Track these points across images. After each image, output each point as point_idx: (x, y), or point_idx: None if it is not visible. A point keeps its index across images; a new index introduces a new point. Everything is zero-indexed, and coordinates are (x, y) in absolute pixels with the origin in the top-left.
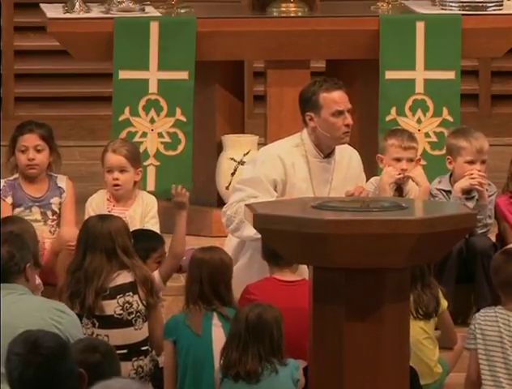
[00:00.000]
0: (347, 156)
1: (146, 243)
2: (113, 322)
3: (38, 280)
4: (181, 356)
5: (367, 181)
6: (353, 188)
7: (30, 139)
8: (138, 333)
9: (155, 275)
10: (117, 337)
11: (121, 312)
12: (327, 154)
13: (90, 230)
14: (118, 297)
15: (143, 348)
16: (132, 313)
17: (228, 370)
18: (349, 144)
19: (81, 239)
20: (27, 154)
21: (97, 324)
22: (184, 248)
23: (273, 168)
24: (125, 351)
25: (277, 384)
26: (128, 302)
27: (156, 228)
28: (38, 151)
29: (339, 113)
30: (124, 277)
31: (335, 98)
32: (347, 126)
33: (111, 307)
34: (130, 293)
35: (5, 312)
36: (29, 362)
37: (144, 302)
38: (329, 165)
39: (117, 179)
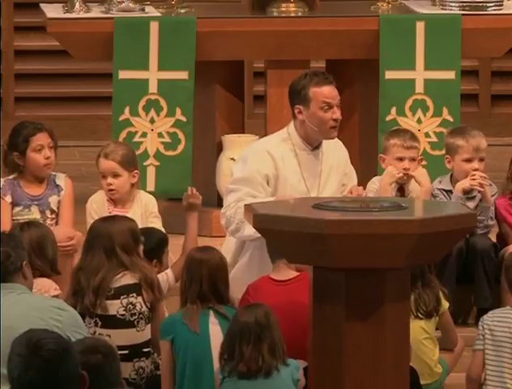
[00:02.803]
0: (332, 145)
1: (151, 241)
2: (115, 323)
3: (55, 285)
4: (179, 354)
5: (367, 181)
6: (353, 190)
7: (44, 138)
8: (140, 334)
9: (169, 273)
10: (119, 337)
11: (124, 313)
12: (315, 146)
13: (92, 231)
14: (122, 297)
15: (145, 350)
16: (135, 314)
17: (233, 368)
18: (348, 146)
19: (86, 240)
20: (43, 153)
21: (100, 324)
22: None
23: (263, 164)
24: (126, 352)
25: (278, 383)
26: (131, 303)
27: (159, 226)
28: (51, 148)
29: (328, 107)
30: (129, 278)
31: (325, 92)
32: (335, 120)
33: (114, 307)
34: (134, 295)
35: (5, 313)
36: (29, 364)
37: (148, 304)
38: (317, 157)
39: (110, 184)
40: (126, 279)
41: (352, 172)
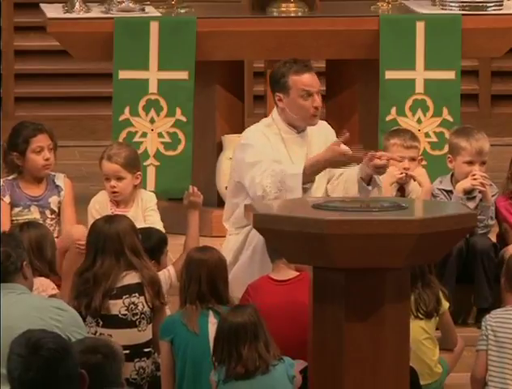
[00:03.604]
0: (316, 127)
1: (150, 241)
2: (116, 322)
3: (52, 285)
4: (179, 355)
5: None
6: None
7: (44, 139)
8: (141, 334)
9: (170, 270)
10: (120, 337)
11: (126, 312)
12: (301, 129)
13: (98, 233)
14: (124, 297)
15: (146, 350)
16: (137, 314)
17: (231, 371)
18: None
19: (90, 242)
20: (43, 155)
21: (101, 323)
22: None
23: (266, 142)
24: (127, 351)
25: (274, 381)
26: (133, 303)
27: (158, 219)
28: (50, 149)
29: (308, 95)
30: (131, 278)
31: (304, 80)
32: (315, 108)
33: (116, 307)
34: (136, 294)
35: (5, 313)
36: (29, 364)
37: (150, 304)
38: (304, 139)
39: (114, 187)
40: (129, 278)
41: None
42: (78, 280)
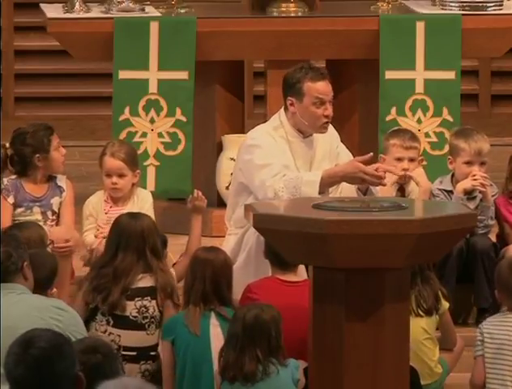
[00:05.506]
0: None
1: None
2: (126, 323)
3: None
4: (179, 355)
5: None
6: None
7: (56, 136)
8: (149, 338)
9: (171, 271)
10: (129, 338)
11: (137, 315)
12: (307, 134)
13: (123, 228)
14: (137, 299)
15: (152, 353)
16: (147, 317)
17: (225, 372)
18: (348, 146)
19: (113, 237)
20: (60, 150)
21: (111, 322)
22: None
23: (272, 144)
24: (134, 353)
25: (278, 384)
26: (145, 306)
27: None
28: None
29: (321, 103)
30: (146, 281)
31: (319, 88)
32: (326, 116)
33: (128, 308)
34: (149, 298)
35: (5, 313)
36: (19, 361)
37: (161, 308)
38: (309, 144)
39: (115, 183)
40: (143, 281)
41: (343, 150)
42: (96, 274)
